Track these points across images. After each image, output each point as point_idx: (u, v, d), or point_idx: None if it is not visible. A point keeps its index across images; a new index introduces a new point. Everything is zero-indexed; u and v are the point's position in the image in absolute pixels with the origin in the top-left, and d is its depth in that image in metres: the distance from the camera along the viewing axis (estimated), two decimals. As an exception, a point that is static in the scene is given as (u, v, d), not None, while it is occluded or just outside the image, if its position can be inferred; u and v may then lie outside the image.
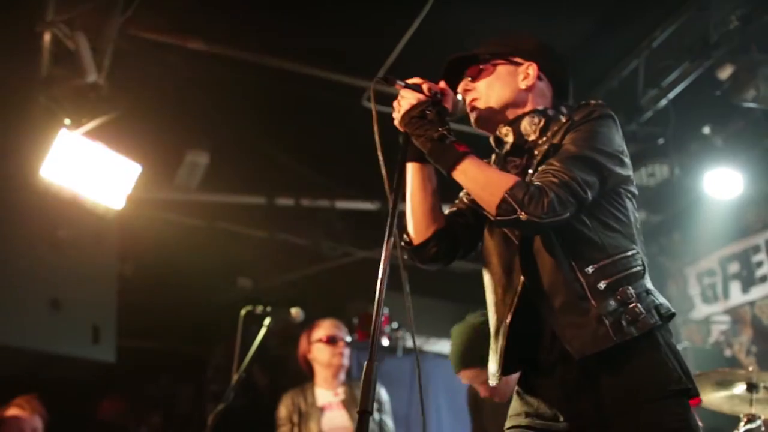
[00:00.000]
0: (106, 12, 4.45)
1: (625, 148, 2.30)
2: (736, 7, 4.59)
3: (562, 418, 2.20)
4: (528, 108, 2.36)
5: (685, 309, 6.43)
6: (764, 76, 4.52)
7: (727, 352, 5.98)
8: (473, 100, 2.40)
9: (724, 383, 3.73)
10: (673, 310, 2.22)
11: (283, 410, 4.74)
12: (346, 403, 4.68)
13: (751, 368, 3.94)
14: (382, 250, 2.02)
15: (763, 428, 3.69)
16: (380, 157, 2.16)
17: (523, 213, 2.05)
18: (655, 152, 5.55)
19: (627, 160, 2.29)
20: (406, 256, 2.35)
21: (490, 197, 2.11)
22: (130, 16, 4.50)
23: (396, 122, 2.29)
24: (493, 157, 2.44)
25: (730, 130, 5.57)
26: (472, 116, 2.41)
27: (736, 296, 5.95)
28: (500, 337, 2.25)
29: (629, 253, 2.20)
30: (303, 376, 6.21)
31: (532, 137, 2.31)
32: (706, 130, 5.58)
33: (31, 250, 5.31)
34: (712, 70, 4.84)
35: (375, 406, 4.48)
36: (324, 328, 4.82)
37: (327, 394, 4.71)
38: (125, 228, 5.82)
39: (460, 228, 2.41)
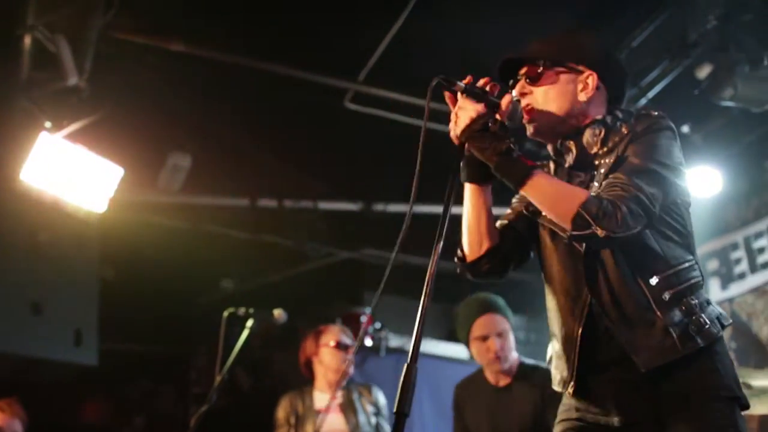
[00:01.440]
0: (87, 14, 4.44)
1: (683, 159, 2.31)
2: (714, 6, 4.62)
3: (614, 414, 2.23)
4: (588, 119, 2.33)
5: (666, 306, 6.48)
6: (742, 75, 4.56)
7: (708, 349, 6.03)
8: (530, 107, 2.33)
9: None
10: (730, 320, 2.27)
11: (281, 412, 4.76)
12: (344, 407, 4.67)
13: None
14: (392, 251, 2.07)
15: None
16: (418, 168, 2.10)
17: (598, 228, 2.06)
18: (635, 151, 5.58)
19: (685, 170, 2.31)
20: (459, 270, 2.39)
21: (564, 212, 2.11)
22: (111, 18, 4.49)
23: (452, 135, 2.24)
24: (553, 166, 2.41)
25: (709, 128, 5.61)
26: (530, 126, 2.35)
27: (715, 293, 6.00)
28: (571, 347, 2.26)
29: (689, 264, 2.23)
30: (286, 377, 6.20)
31: (594, 149, 2.29)
32: (686, 128, 5.62)
33: (11, 254, 5.28)
34: (690, 69, 4.87)
35: (372, 410, 4.51)
36: (333, 334, 4.81)
37: (325, 397, 4.70)
38: (107, 231, 5.79)
39: (512, 242, 2.42)
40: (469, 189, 2.32)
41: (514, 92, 2.35)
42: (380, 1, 4.85)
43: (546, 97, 2.32)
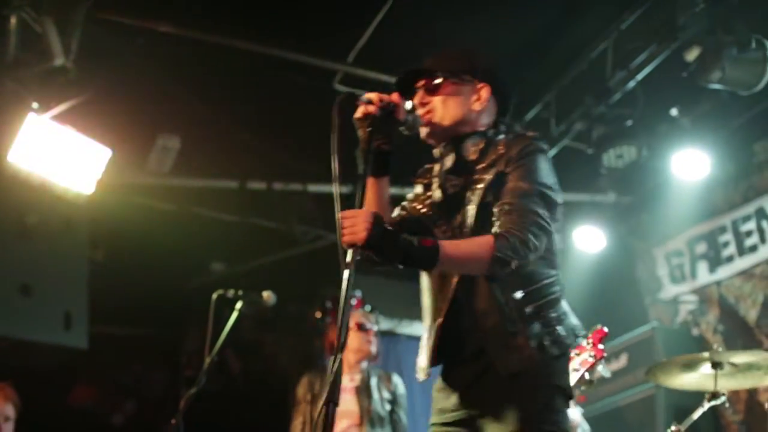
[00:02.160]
0: (74, -6, 4.41)
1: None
2: (703, -11, 4.64)
3: (461, 408, 2.44)
4: (474, 128, 2.54)
5: (653, 289, 6.51)
6: (729, 58, 4.57)
7: (695, 332, 6.07)
8: (429, 114, 2.53)
9: (691, 365, 3.83)
10: (584, 332, 2.58)
11: (300, 389, 4.96)
12: (359, 390, 4.80)
13: (715, 346, 4.04)
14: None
15: (727, 404, 3.78)
16: (335, 165, 2.28)
17: (515, 263, 2.27)
18: (623, 134, 5.59)
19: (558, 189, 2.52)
20: (360, 257, 2.43)
21: (482, 266, 2.29)
22: (99, -2, 4.47)
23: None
24: (437, 167, 2.61)
25: (697, 111, 5.62)
26: (424, 130, 2.54)
27: (704, 276, 6.03)
28: (432, 336, 2.49)
29: (551, 280, 2.44)
30: (276, 359, 6.22)
31: (471, 157, 2.50)
32: (674, 111, 5.63)
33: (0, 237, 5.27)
34: (679, 52, 4.88)
35: (388, 396, 4.54)
36: (355, 317, 4.93)
37: (344, 378, 4.76)
38: (96, 213, 5.77)
39: (408, 233, 2.51)
40: (369, 183, 2.42)
41: (415, 100, 2.53)
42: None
43: (444, 105, 2.53)
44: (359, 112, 2.38)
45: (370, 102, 2.37)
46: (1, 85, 4.60)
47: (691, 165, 5.65)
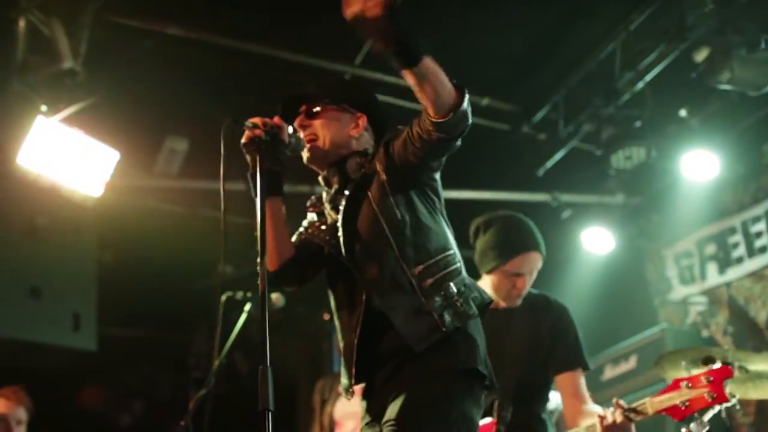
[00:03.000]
0: (82, -3, 4.43)
1: None
2: (712, -11, 4.62)
3: (375, 408, 2.49)
4: (352, 151, 2.65)
5: (662, 290, 6.49)
6: (739, 58, 4.56)
7: (705, 333, 6.04)
8: (310, 138, 2.64)
9: (700, 361, 3.77)
10: (488, 299, 2.56)
11: (315, 396, 5.02)
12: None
13: (726, 347, 4.01)
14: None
15: (738, 407, 3.74)
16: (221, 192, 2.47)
17: (459, 128, 2.36)
18: (632, 135, 5.57)
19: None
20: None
21: (446, 99, 2.30)
22: (107, 1, 4.47)
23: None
24: (325, 195, 2.71)
25: (706, 112, 5.61)
26: (306, 153, 2.65)
27: (713, 277, 6.00)
28: (351, 355, 2.50)
29: (448, 253, 2.50)
30: (284, 361, 6.20)
31: (354, 175, 2.61)
32: (683, 112, 5.62)
33: (9, 239, 5.29)
34: (688, 53, 4.87)
35: None
36: None
37: None
38: (104, 215, 5.79)
39: (307, 255, 2.66)
40: (264, 203, 2.47)
41: (295, 123, 2.65)
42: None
43: (324, 129, 2.64)
44: (245, 137, 2.51)
45: (255, 126, 2.48)
46: (10, 88, 4.61)
47: (700, 166, 5.63)
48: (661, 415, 3.94)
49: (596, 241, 6.40)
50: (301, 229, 2.76)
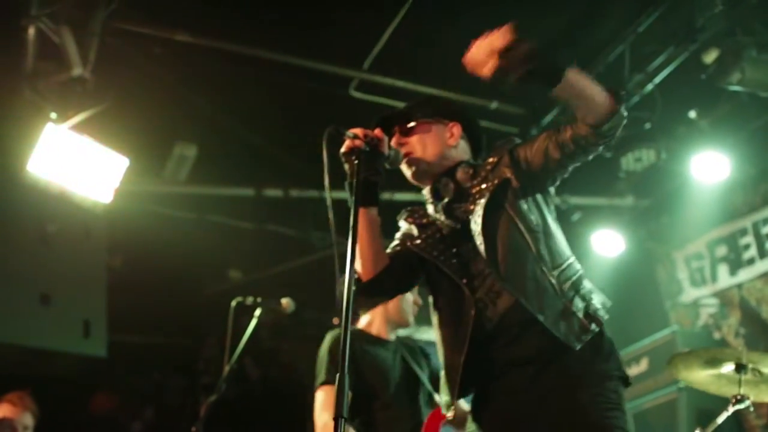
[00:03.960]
0: (91, 5, 4.44)
1: None
2: (721, -10, 4.60)
3: (515, 415, 2.46)
4: (456, 161, 2.70)
5: (673, 292, 6.46)
6: (749, 59, 4.54)
7: (716, 335, 6.02)
8: (408, 153, 2.69)
9: (713, 362, 3.75)
10: (609, 304, 2.59)
11: None
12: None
13: (739, 349, 3.98)
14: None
15: (752, 409, 3.72)
16: (329, 200, 2.39)
17: (616, 130, 2.44)
18: (641, 137, 5.57)
19: None
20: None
21: (599, 106, 2.39)
22: (116, 8, 4.49)
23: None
24: (431, 208, 2.71)
25: (716, 113, 5.59)
26: (409, 169, 2.70)
27: (724, 279, 5.98)
28: (456, 372, 2.51)
29: (572, 259, 2.59)
30: (294, 367, 6.18)
31: (467, 184, 2.64)
32: (693, 114, 5.60)
33: (20, 246, 5.29)
34: (697, 54, 4.85)
35: None
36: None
37: None
38: (114, 221, 5.80)
39: (402, 266, 2.66)
40: (359, 213, 2.43)
41: (392, 143, 2.68)
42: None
43: (421, 143, 2.70)
44: (345, 147, 2.50)
45: (356, 137, 2.48)
46: (20, 96, 4.64)
47: (710, 167, 5.61)
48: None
49: (606, 244, 6.38)
50: (397, 241, 2.78)
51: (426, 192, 2.74)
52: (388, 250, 2.70)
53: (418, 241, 2.69)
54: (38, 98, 4.66)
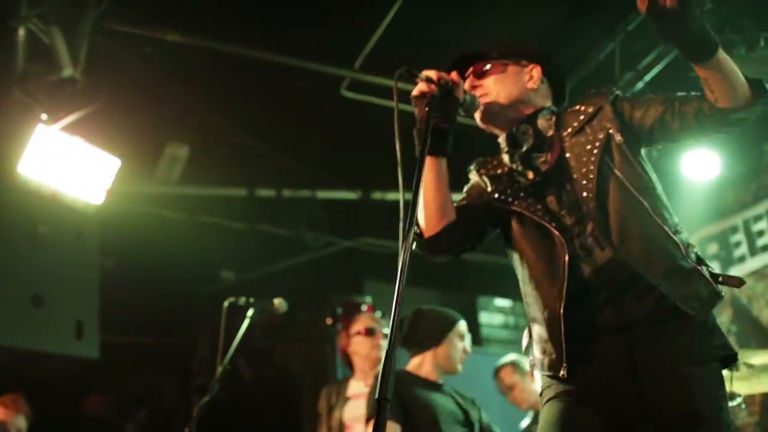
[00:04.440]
0: (81, 5, 4.43)
1: None
2: (711, -13, 4.62)
3: (607, 379, 2.24)
4: (537, 107, 2.49)
5: (665, 290, 6.48)
6: (738, 57, 4.54)
7: (708, 332, 6.04)
8: (482, 95, 2.48)
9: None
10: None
11: (320, 402, 4.95)
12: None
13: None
14: (398, 241, 2.00)
15: (743, 405, 3.75)
16: (398, 151, 2.13)
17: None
18: (632, 135, 5.57)
19: None
20: (416, 246, 2.38)
21: (744, 89, 2.23)
22: (106, 9, 4.48)
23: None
24: (506, 156, 2.50)
25: (707, 111, 5.60)
26: (480, 111, 2.49)
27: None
28: (556, 328, 2.28)
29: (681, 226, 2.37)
30: (287, 367, 6.15)
31: (550, 133, 2.44)
32: (684, 112, 5.61)
33: (11, 247, 5.27)
34: (686, 53, 4.86)
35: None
36: (362, 321, 4.94)
37: (360, 385, 4.76)
38: (106, 222, 5.79)
39: (469, 221, 2.46)
40: (427, 163, 2.30)
41: (465, 86, 2.46)
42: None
43: (497, 85, 2.49)
44: (417, 90, 2.30)
45: (429, 80, 2.28)
46: (10, 97, 4.62)
47: (701, 165, 5.63)
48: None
49: (598, 242, 6.39)
50: (464, 194, 2.58)
51: (502, 140, 2.52)
52: (460, 202, 2.52)
53: (495, 194, 2.49)
54: (29, 99, 4.65)
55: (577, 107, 2.48)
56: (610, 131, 2.38)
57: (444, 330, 4.15)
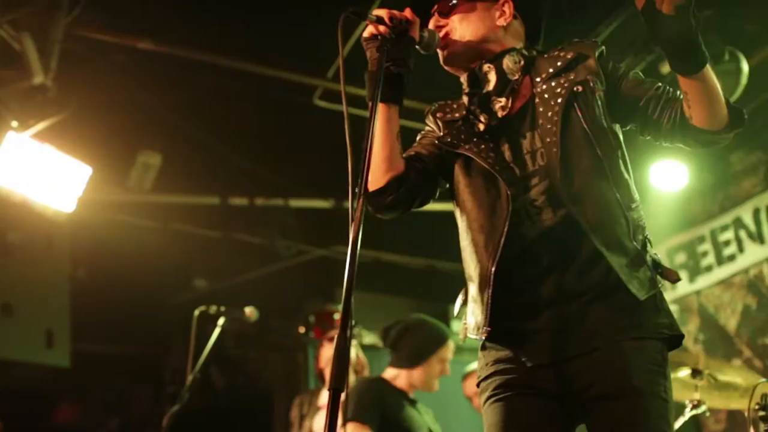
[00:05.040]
0: (52, 12, 4.41)
1: None
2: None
3: (545, 357, 2.10)
4: (505, 46, 2.27)
5: (635, 299, 6.54)
6: (704, 70, 4.62)
7: (676, 341, 6.11)
8: (446, 34, 2.27)
9: (670, 366, 3.82)
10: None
11: (293, 411, 4.94)
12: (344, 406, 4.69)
13: (697, 355, 4.06)
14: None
15: (708, 414, 3.79)
16: (345, 114, 2.04)
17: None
18: (601, 146, 5.63)
19: None
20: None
21: (722, 109, 2.09)
22: (78, 16, 4.47)
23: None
24: (466, 98, 2.30)
25: (675, 123, 5.68)
26: (443, 52, 2.29)
27: (683, 286, 6.06)
28: (485, 287, 2.12)
29: (639, 202, 2.21)
30: (260, 375, 6.14)
31: (516, 76, 2.22)
32: (652, 123, 5.68)
33: (-20, 255, 5.25)
34: (655, 65, 4.93)
35: None
36: (331, 333, 4.93)
37: (327, 394, 4.72)
38: (78, 230, 5.77)
39: (418, 173, 2.26)
40: (377, 110, 2.07)
41: (429, 25, 2.28)
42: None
43: (462, 23, 2.27)
44: (367, 32, 2.15)
45: (380, 20, 2.11)
46: (-19, 104, 4.60)
47: (669, 176, 5.70)
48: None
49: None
50: (422, 135, 2.38)
51: (463, 79, 2.30)
52: (408, 152, 2.30)
53: (447, 138, 2.27)
54: (-1, 106, 4.63)
55: (556, 53, 2.26)
56: (590, 82, 2.17)
57: (424, 354, 4.12)
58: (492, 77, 2.23)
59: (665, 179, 5.71)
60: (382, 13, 2.12)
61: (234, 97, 5.56)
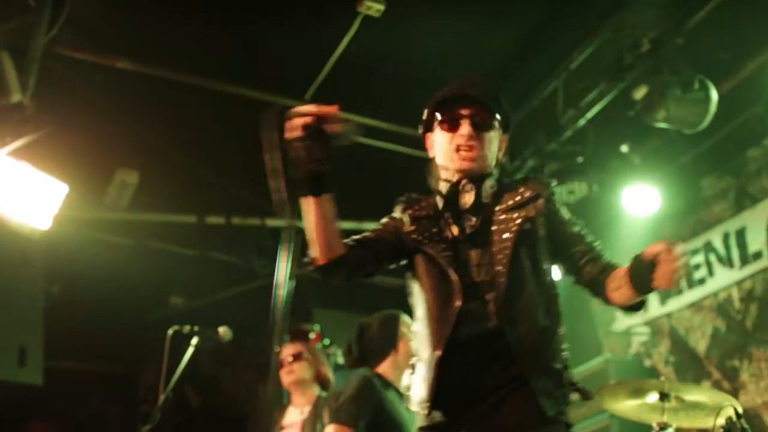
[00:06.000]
0: (31, 30, 4.44)
1: None
2: (648, 30, 4.79)
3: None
4: (488, 170, 2.49)
5: (607, 321, 6.61)
6: (674, 98, 4.71)
7: (647, 363, 6.17)
8: (475, 156, 2.44)
9: (639, 392, 3.88)
10: None
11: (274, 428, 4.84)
12: (307, 423, 4.64)
13: (662, 378, 4.12)
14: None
15: (675, 435, 3.84)
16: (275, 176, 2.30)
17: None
18: (574, 170, 5.71)
19: None
20: (311, 270, 2.42)
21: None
22: (56, 35, 4.49)
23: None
24: (440, 202, 2.49)
25: (647, 147, 5.76)
26: (462, 168, 2.45)
27: (655, 308, 6.14)
28: (432, 370, 2.36)
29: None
30: (235, 395, 6.13)
31: (487, 200, 2.44)
32: (624, 148, 5.76)
33: (-46, 271, 5.22)
34: (627, 91, 5.03)
35: None
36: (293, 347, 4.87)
37: (295, 412, 4.69)
38: (53, 247, 5.75)
39: (367, 252, 2.47)
40: (310, 204, 2.32)
41: (463, 132, 2.44)
42: (326, 22, 4.93)
43: (489, 147, 2.48)
44: (286, 136, 2.31)
45: (292, 126, 2.28)
46: (-43, 121, 4.60)
47: (641, 200, 5.77)
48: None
49: (542, 273, 6.49)
50: (380, 226, 2.56)
51: (443, 188, 2.47)
52: (364, 234, 2.52)
53: (413, 234, 2.47)
54: (-24, 124, 4.63)
55: (519, 188, 2.50)
56: (536, 222, 2.44)
57: (394, 331, 4.04)
58: (470, 198, 2.44)
59: (637, 203, 5.78)
60: (296, 118, 2.27)
61: (211, 116, 5.59)
